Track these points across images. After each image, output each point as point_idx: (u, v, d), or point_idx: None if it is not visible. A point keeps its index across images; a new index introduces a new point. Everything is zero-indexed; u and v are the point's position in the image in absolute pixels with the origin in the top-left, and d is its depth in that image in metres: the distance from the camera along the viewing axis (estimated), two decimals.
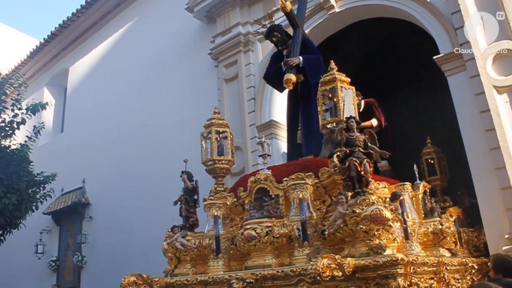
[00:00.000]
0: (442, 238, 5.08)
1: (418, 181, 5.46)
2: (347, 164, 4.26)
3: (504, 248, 5.11)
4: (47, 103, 10.09)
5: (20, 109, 9.59)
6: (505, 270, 3.96)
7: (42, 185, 9.72)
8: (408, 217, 4.60)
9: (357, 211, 3.93)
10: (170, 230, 5.55)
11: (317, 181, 4.78)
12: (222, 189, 5.91)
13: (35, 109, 9.70)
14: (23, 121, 9.55)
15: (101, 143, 11.94)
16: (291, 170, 4.99)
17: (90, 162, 12.10)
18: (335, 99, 5.14)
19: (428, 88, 8.45)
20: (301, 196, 4.46)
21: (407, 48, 8.49)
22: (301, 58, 6.01)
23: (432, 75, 7.27)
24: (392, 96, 8.64)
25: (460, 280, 4.81)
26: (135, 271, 5.38)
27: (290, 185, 4.59)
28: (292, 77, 5.88)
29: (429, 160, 7.30)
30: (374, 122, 6.77)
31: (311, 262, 3.71)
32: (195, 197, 5.79)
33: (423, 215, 5.27)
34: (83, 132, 12.76)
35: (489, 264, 4.46)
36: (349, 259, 3.66)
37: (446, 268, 4.43)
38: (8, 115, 9.63)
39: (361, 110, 6.62)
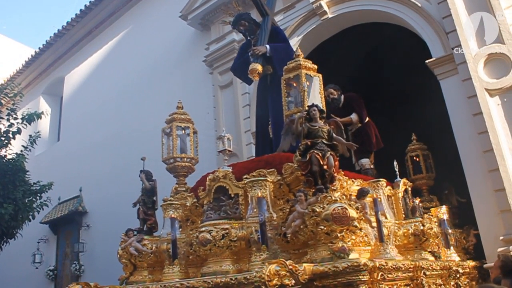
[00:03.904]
0: (424, 240, 4.77)
1: (398, 179, 5.14)
2: (308, 157, 3.79)
3: (499, 249, 5.12)
4: (42, 113, 10.10)
5: (15, 118, 9.61)
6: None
7: (39, 194, 9.72)
8: (386, 218, 4.28)
9: (317, 210, 3.50)
10: (124, 234, 5.15)
11: (279, 178, 4.33)
12: (184, 189, 5.48)
13: (30, 118, 9.71)
14: (18, 131, 9.56)
15: (98, 151, 11.93)
16: (253, 167, 4.56)
17: (87, 171, 12.09)
18: (300, 88, 4.73)
19: (419, 90, 8.54)
20: (260, 194, 4.00)
21: (400, 52, 8.55)
22: (268, 46, 5.63)
23: (424, 78, 7.32)
24: (383, 97, 8.72)
25: (442, 286, 4.45)
26: None
27: (247, 183, 4.15)
28: (258, 66, 5.48)
29: (415, 158, 7.02)
30: (354, 117, 6.19)
31: (256, 269, 3.26)
32: (154, 198, 5.39)
33: (404, 216, 4.94)
34: (80, 141, 12.75)
35: (493, 263, 4.39)
36: (304, 264, 3.23)
37: (424, 273, 4.04)
38: (4, 124, 9.64)
39: (340, 105, 6.21)
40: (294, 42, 7.79)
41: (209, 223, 4.18)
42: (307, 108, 4.18)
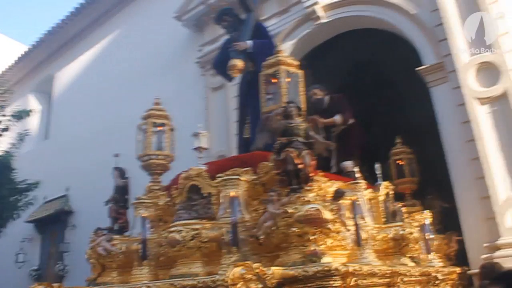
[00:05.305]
0: (404, 245, 4.65)
1: (380, 182, 5.00)
2: (282, 155, 3.65)
3: (483, 256, 5.16)
4: (31, 110, 10.04)
5: (4, 115, 9.51)
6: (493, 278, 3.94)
7: (25, 193, 9.60)
8: (365, 221, 4.14)
9: (290, 211, 3.35)
10: (94, 233, 4.98)
11: (255, 177, 4.19)
12: (158, 187, 5.32)
13: (20, 115, 9.63)
14: (7, 128, 9.46)
15: (86, 151, 11.80)
16: (228, 166, 4.43)
17: (74, 170, 11.95)
18: (279, 85, 4.56)
19: (408, 95, 8.61)
20: (232, 194, 3.85)
21: (392, 58, 8.61)
22: (250, 42, 5.52)
23: (413, 84, 7.34)
24: (372, 101, 8.75)
25: None
26: None
27: (220, 181, 4.02)
28: (238, 62, 5.35)
29: (398, 162, 6.87)
30: (337, 119, 5.82)
31: (220, 272, 3.16)
32: (126, 196, 5.28)
33: (384, 220, 4.81)
34: (68, 139, 12.62)
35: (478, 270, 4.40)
36: (273, 268, 3.05)
37: (402, 280, 3.92)
38: None
39: (325, 106, 5.95)
40: (288, 46, 7.82)
41: (179, 223, 4.03)
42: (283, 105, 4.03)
